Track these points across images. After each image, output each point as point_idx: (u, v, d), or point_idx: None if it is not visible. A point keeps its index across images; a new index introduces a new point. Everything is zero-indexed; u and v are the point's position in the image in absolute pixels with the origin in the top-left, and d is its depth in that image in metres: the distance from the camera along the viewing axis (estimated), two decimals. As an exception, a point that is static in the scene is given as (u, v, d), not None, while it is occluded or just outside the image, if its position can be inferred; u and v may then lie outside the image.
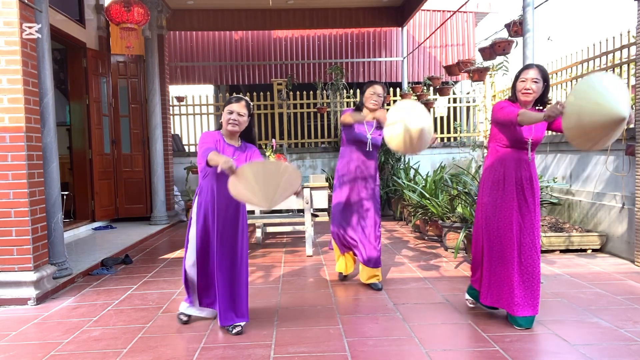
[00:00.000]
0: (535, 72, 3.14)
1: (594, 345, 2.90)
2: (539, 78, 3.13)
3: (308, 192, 5.41)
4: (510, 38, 4.76)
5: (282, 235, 6.92)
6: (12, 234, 3.95)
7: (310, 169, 9.53)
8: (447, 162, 9.11)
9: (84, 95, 7.34)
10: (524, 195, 3.20)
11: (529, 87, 3.12)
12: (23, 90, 3.92)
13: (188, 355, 2.92)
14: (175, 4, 8.67)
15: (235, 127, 3.14)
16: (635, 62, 4.77)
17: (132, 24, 5.91)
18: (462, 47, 10.75)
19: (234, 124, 3.13)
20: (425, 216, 6.22)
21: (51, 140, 4.47)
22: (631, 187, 4.90)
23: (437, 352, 2.88)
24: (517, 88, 3.19)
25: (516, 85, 3.21)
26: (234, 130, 3.15)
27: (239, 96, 3.20)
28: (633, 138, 4.78)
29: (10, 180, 3.93)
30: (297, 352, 2.91)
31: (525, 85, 3.14)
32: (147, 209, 8.10)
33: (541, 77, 3.14)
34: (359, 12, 9.56)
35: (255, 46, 10.55)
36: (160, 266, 5.21)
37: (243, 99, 3.18)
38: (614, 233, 5.21)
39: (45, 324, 3.53)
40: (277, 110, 9.69)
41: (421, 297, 3.91)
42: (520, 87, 3.16)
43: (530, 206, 3.20)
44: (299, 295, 4.07)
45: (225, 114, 3.15)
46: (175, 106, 9.70)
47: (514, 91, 3.23)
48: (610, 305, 3.61)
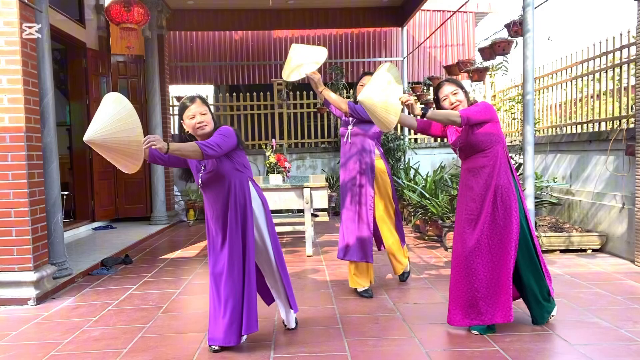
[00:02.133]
0: (449, 86, 3.18)
1: (594, 345, 2.90)
2: (456, 88, 3.17)
3: (308, 192, 5.41)
4: (510, 38, 4.76)
5: (282, 235, 6.92)
6: (12, 234, 3.95)
7: (310, 169, 9.53)
8: (447, 162, 9.11)
9: (84, 95, 7.34)
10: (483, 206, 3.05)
11: (454, 100, 3.15)
12: (23, 90, 3.92)
13: (188, 355, 2.92)
14: (175, 4, 8.67)
15: (205, 128, 2.84)
16: (635, 62, 4.77)
17: (132, 24, 5.91)
18: (462, 47, 10.75)
19: (202, 126, 2.83)
20: (425, 216, 6.22)
21: (51, 140, 4.47)
22: (631, 187, 4.90)
23: (437, 352, 2.88)
24: (445, 107, 3.19)
25: (442, 107, 3.21)
26: (205, 132, 2.84)
27: (191, 96, 2.88)
28: (633, 138, 4.77)
29: (10, 180, 3.93)
30: (297, 352, 2.91)
31: (450, 101, 3.17)
32: (147, 209, 8.10)
33: (457, 86, 3.19)
34: (359, 12, 9.55)
35: (255, 46, 10.55)
36: (160, 266, 5.21)
37: (196, 96, 2.87)
38: (614, 233, 5.21)
39: (45, 324, 3.53)
40: (277, 110, 9.68)
41: (421, 297, 3.91)
42: (447, 105, 3.18)
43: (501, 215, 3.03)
44: (299, 295, 4.06)
45: (187, 121, 2.83)
46: (175, 106, 9.69)
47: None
48: (610, 305, 3.60)
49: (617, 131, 5.15)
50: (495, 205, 3.05)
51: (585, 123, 6.07)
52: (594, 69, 5.87)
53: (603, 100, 5.78)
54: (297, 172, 9.40)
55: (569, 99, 6.49)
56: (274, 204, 5.48)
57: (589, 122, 5.99)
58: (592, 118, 5.93)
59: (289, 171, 5.78)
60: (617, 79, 5.55)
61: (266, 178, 6.11)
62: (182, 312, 3.72)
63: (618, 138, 5.11)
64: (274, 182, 5.57)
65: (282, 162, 5.62)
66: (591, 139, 5.69)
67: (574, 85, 6.38)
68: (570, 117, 6.49)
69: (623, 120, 5.31)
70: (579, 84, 6.26)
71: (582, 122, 6.14)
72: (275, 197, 5.47)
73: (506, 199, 3.05)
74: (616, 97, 5.60)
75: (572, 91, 6.42)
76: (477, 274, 3.05)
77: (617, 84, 5.56)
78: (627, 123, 5.23)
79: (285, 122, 9.67)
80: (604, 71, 5.68)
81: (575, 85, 6.35)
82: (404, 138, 9.04)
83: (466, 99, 3.21)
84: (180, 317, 3.61)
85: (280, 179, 5.62)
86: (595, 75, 5.86)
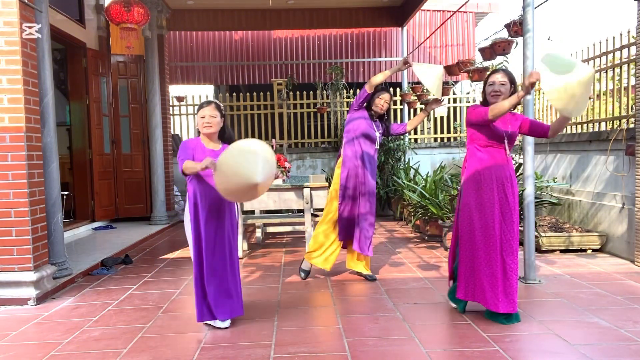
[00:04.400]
0: (502, 76, 3.35)
1: (594, 345, 2.90)
2: (506, 81, 3.34)
3: (308, 192, 5.42)
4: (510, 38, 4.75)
5: (282, 235, 6.92)
6: (12, 234, 3.95)
7: (310, 169, 9.53)
8: (447, 162, 9.11)
9: (84, 95, 7.34)
10: (504, 194, 3.32)
11: (497, 89, 3.32)
12: (23, 90, 3.92)
13: (188, 355, 2.92)
14: (175, 4, 8.67)
15: (210, 128, 3.28)
16: (635, 62, 4.77)
17: (132, 24, 5.91)
18: (462, 47, 10.75)
19: (208, 126, 3.28)
20: (425, 216, 6.22)
21: (51, 140, 4.47)
22: (631, 187, 4.90)
23: (437, 352, 2.88)
24: (487, 92, 3.39)
25: (486, 90, 3.40)
26: (209, 132, 3.29)
27: (209, 100, 3.37)
28: (633, 138, 4.78)
29: (10, 180, 3.93)
30: (297, 352, 2.91)
31: (494, 88, 3.33)
32: (147, 209, 8.10)
33: (508, 79, 3.34)
34: (359, 12, 9.55)
35: (255, 46, 10.55)
36: (160, 266, 5.21)
37: (212, 101, 3.33)
38: (614, 233, 5.21)
39: (45, 324, 3.53)
40: (277, 110, 9.68)
41: (421, 297, 3.91)
42: (489, 90, 3.37)
43: (511, 204, 3.33)
44: (299, 295, 4.07)
45: (199, 119, 3.30)
46: (175, 106, 9.70)
47: (485, 95, 3.43)
48: (610, 305, 3.61)
49: (617, 131, 5.15)
50: (513, 192, 3.33)
51: (585, 123, 6.07)
52: (594, 69, 5.87)
53: (603, 100, 5.79)
54: (297, 172, 9.41)
55: (569, 99, 6.48)
56: (274, 204, 5.48)
57: (589, 122, 5.99)
58: (592, 118, 5.93)
59: (289, 171, 5.78)
60: (617, 79, 5.55)
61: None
62: (182, 312, 3.71)
63: (618, 138, 5.11)
64: (274, 182, 5.57)
65: (282, 162, 5.62)
66: (591, 139, 5.69)
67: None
68: (570, 117, 6.48)
69: (623, 120, 5.31)
70: (579, 84, 6.25)
71: (582, 122, 6.14)
72: (275, 197, 5.47)
73: (515, 187, 3.34)
74: (616, 97, 5.60)
75: (572, 91, 6.41)
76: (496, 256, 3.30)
77: (617, 84, 5.56)
78: (627, 123, 5.23)
79: (285, 122, 9.67)
80: (604, 71, 5.68)
81: (575, 85, 6.34)
82: (404, 138, 9.04)
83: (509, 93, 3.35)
84: (180, 317, 3.61)
85: (280, 179, 5.62)
86: (595, 75, 5.86)
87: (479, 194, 3.34)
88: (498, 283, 3.25)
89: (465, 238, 3.38)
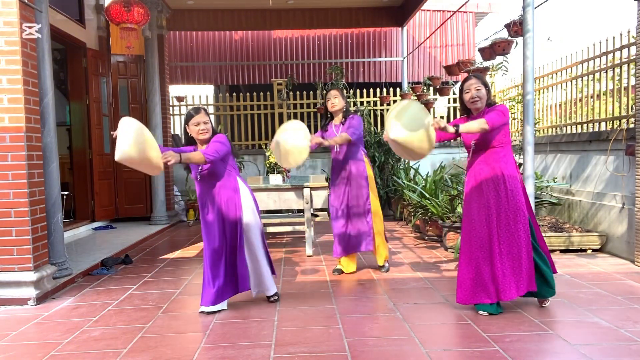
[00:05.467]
0: (474, 81, 3.40)
1: (594, 345, 2.90)
2: (480, 85, 3.39)
3: (308, 192, 5.41)
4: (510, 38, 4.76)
5: (282, 235, 6.92)
6: (12, 234, 3.95)
7: (310, 169, 9.53)
8: (447, 162, 9.11)
9: (84, 95, 7.34)
10: (497, 191, 3.37)
11: (475, 95, 3.37)
12: (23, 90, 3.92)
13: (188, 355, 2.92)
14: (175, 4, 8.68)
15: (206, 134, 3.57)
16: (635, 62, 4.77)
17: (132, 24, 5.91)
18: (462, 47, 10.75)
19: (203, 132, 3.56)
20: (425, 216, 6.22)
21: (51, 140, 4.47)
22: (631, 187, 4.90)
23: (437, 352, 2.87)
24: (465, 99, 3.44)
25: (463, 98, 3.45)
26: (205, 137, 3.57)
27: (196, 107, 3.64)
28: (633, 138, 4.77)
29: (10, 180, 3.93)
30: (297, 352, 2.91)
31: (470, 95, 3.38)
32: (147, 209, 8.10)
33: (481, 83, 3.40)
34: (359, 12, 9.55)
35: (255, 46, 10.55)
36: (160, 266, 5.21)
37: (200, 108, 3.60)
38: (614, 233, 5.21)
39: (45, 324, 3.53)
40: (277, 110, 9.68)
41: (421, 297, 3.91)
42: (467, 97, 3.41)
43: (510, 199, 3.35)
44: (299, 295, 4.07)
45: (193, 127, 3.56)
46: (175, 106, 9.69)
47: (463, 104, 3.49)
48: (610, 305, 3.60)
49: (617, 131, 5.15)
50: (506, 192, 3.35)
51: (585, 123, 6.07)
52: (594, 69, 5.87)
53: (603, 100, 5.78)
54: (297, 172, 9.40)
55: (569, 99, 6.49)
56: (274, 204, 5.48)
57: (589, 122, 5.99)
58: (592, 118, 5.93)
59: (289, 171, 5.78)
60: (617, 79, 5.55)
61: (266, 178, 6.11)
62: (182, 312, 3.72)
63: (618, 138, 5.11)
64: (274, 182, 5.57)
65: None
66: (591, 139, 5.69)
67: (574, 85, 6.38)
68: (570, 117, 6.49)
69: (623, 120, 5.31)
70: (579, 84, 6.26)
71: (582, 122, 6.14)
72: (275, 197, 5.47)
73: (514, 187, 3.36)
74: (616, 97, 5.60)
75: (572, 91, 6.42)
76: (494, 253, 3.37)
77: (617, 84, 5.55)
78: (627, 123, 5.23)
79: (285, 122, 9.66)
80: (604, 71, 5.68)
81: (575, 85, 6.35)
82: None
83: (487, 96, 3.42)
84: (180, 317, 3.61)
85: (280, 179, 5.62)
86: (595, 75, 5.87)
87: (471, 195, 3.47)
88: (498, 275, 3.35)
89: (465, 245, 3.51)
